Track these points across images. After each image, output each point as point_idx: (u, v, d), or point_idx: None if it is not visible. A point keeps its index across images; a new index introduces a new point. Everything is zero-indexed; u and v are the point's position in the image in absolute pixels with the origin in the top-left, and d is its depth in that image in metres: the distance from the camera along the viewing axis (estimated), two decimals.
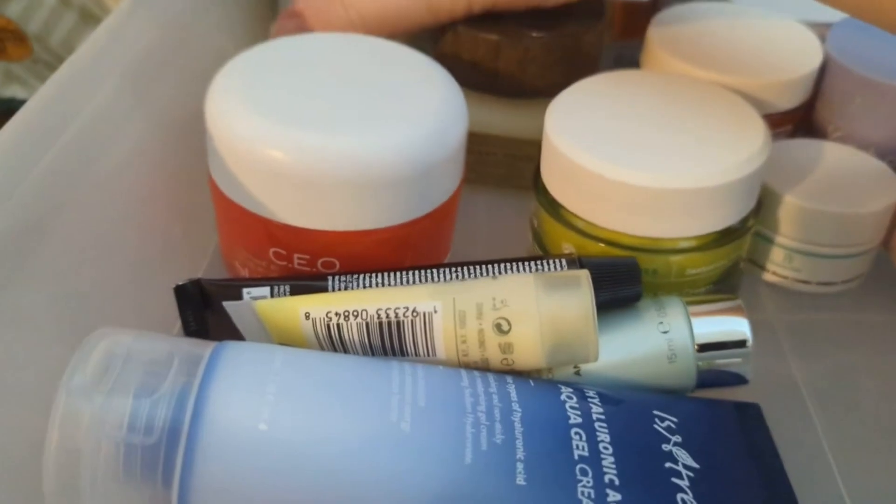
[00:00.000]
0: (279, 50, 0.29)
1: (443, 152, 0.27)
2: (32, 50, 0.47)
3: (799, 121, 0.35)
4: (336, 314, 0.24)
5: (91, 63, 0.28)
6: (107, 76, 0.28)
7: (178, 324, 0.26)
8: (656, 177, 0.27)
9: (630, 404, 0.24)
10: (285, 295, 0.26)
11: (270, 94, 0.27)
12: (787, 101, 0.34)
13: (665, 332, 0.26)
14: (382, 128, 0.26)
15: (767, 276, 0.33)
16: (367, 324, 0.23)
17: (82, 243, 0.27)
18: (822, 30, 0.36)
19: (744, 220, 0.29)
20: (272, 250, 0.27)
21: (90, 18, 0.45)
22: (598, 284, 0.25)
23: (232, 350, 0.22)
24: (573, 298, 0.24)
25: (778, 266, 0.32)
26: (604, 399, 0.24)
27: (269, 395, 0.20)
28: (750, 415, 0.26)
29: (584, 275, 0.24)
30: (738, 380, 0.26)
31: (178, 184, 0.32)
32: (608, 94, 0.30)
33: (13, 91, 0.50)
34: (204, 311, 0.26)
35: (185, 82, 0.32)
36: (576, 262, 0.26)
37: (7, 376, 0.23)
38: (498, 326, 0.23)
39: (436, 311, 0.23)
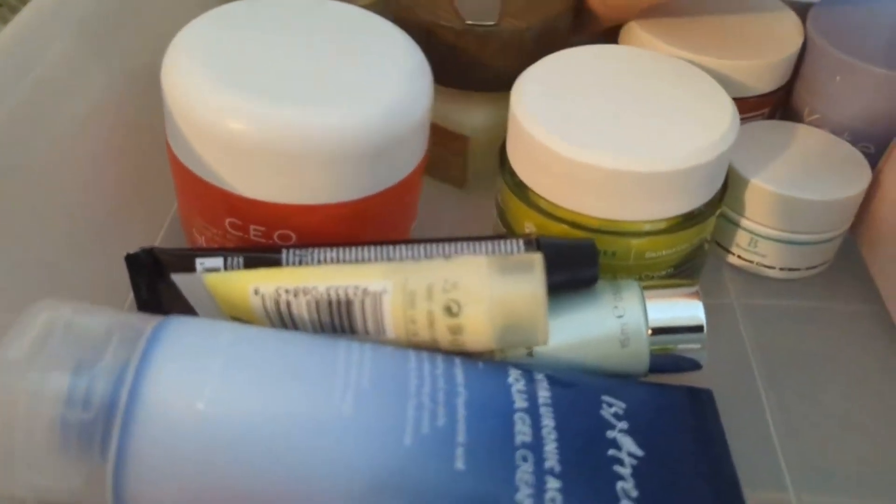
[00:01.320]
0: (239, 12, 0.29)
1: (403, 128, 0.26)
2: None
3: (777, 103, 0.35)
4: (286, 291, 0.23)
5: (46, 15, 0.27)
6: (62, 29, 0.28)
7: (131, 293, 0.26)
8: (619, 159, 0.26)
9: (579, 388, 0.24)
10: (239, 266, 0.26)
11: (229, 61, 0.26)
12: (766, 83, 0.33)
13: (620, 317, 0.26)
14: (341, 100, 0.26)
15: (732, 259, 0.33)
16: (316, 302, 0.23)
17: (37, 206, 0.26)
18: (804, 10, 0.35)
19: (708, 205, 0.29)
20: (228, 220, 0.27)
21: None
22: (555, 266, 0.25)
23: (175, 326, 0.21)
24: (525, 282, 0.24)
25: (743, 250, 0.32)
26: (553, 382, 0.24)
27: (210, 374, 0.20)
28: (701, 400, 0.26)
29: (538, 259, 0.24)
30: (692, 365, 0.26)
31: (139, 143, 0.31)
32: (576, 70, 0.30)
33: None
34: (157, 281, 0.26)
35: (145, 37, 0.31)
36: (533, 242, 0.26)
37: None
38: (448, 308, 0.23)
39: (386, 292, 0.23)
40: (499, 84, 0.32)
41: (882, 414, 0.29)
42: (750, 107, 0.33)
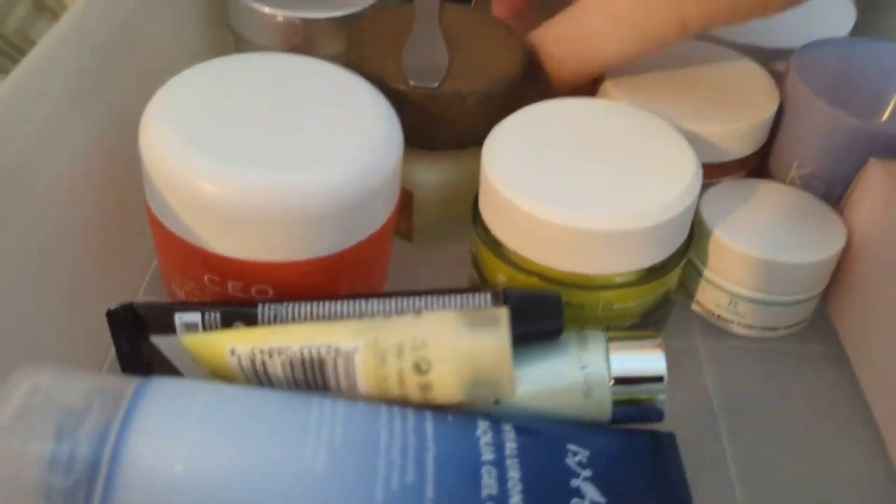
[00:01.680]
0: (214, 72, 0.30)
1: (373, 186, 0.27)
2: None
3: (753, 166, 0.35)
4: (261, 351, 0.24)
5: (37, 73, 0.28)
6: (51, 87, 0.28)
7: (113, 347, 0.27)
8: (586, 218, 0.27)
9: (545, 437, 0.25)
10: (216, 320, 0.26)
11: (203, 122, 0.27)
12: (743, 148, 0.34)
13: (583, 368, 0.27)
14: (313, 161, 0.27)
15: (715, 321, 0.33)
16: (290, 361, 0.24)
17: (22, 261, 0.27)
18: (778, 73, 0.36)
19: (673, 257, 0.30)
20: (206, 276, 0.28)
21: (44, 9, 0.45)
22: (521, 318, 0.26)
23: (153, 389, 0.22)
24: (491, 338, 0.25)
25: (723, 310, 0.33)
26: (520, 432, 0.25)
27: (188, 435, 0.21)
28: (664, 444, 0.27)
29: (503, 314, 0.25)
30: (654, 415, 0.27)
31: (121, 198, 0.32)
32: (547, 125, 0.31)
33: None
34: (137, 336, 0.27)
35: (137, 87, 0.32)
36: (500, 295, 0.27)
37: None
38: (417, 366, 0.24)
39: (357, 350, 0.24)
40: (443, 143, 0.33)
41: (840, 459, 0.30)
42: (726, 171, 0.34)
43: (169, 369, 0.27)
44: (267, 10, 0.37)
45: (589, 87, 0.36)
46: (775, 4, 0.29)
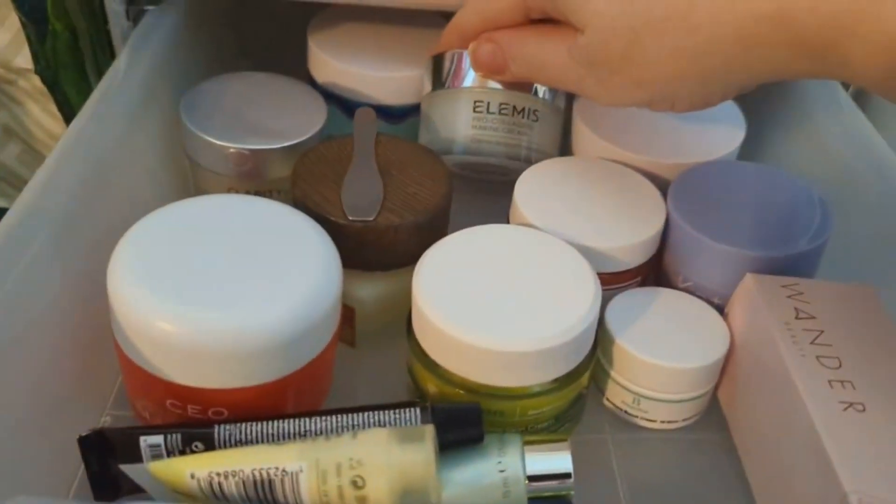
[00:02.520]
0: (172, 217, 0.34)
1: (314, 318, 0.31)
2: None
3: (648, 271, 0.40)
4: (217, 474, 0.28)
5: (25, 219, 0.32)
6: (37, 233, 0.32)
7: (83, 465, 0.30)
8: (504, 339, 0.32)
9: None
10: (177, 443, 0.30)
11: (162, 267, 0.31)
12: (637, 258, 0.38)
13: (502, 471, 0.31)
14: (260, 299, 0.31)
15: (618, 413, 0.38)
16: (243, 482, 0.28)
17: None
18: (665, 189, 0.40)
19: (581, 364, 0.34)
20: (168, 401, 0.31)
21: (13, 134, 0.48)
22: (446, 428, 0.31)
23: None
24: (418, 452, 0.29)
25: (629, 406, 0.37)
26: None
27: None
28: None
29: (429, 430, 0.29)
30: None
31: (89, 325, 0.36)
32: (469, 251, 0.35)
33: None
34: (106, 457, 0.30)
35: (108, 219, 0.36)
36: (428, 409, 0.31)
37: None
38: (354, 483, 0.28)
39: (301, 471, 0.28)
40: (379, 265, 0.38)
41: None
42: (625, 277, 0.39)
43: (135, 487, 0.30)
44: (219, 142, 0.42)
45: None
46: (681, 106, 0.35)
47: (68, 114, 0.45)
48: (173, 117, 0.44)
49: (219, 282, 0.31)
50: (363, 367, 0.39)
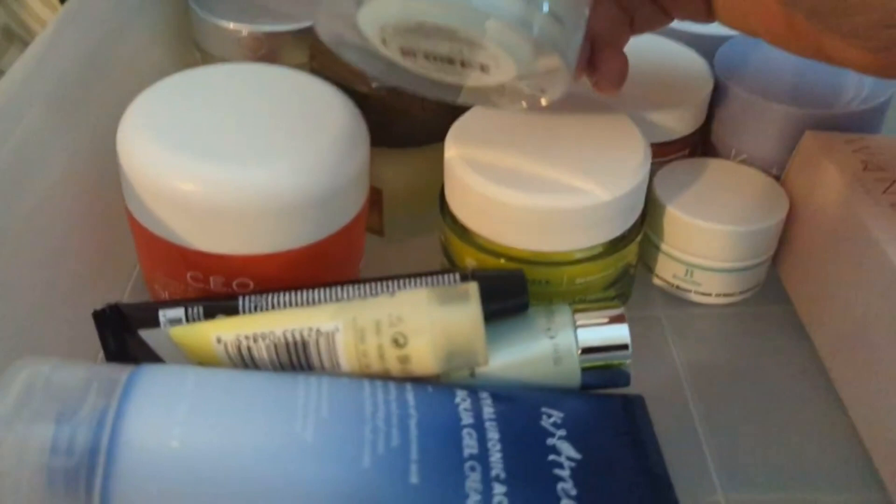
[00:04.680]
0: (186, 81, 0.31)
1: (343, 178, 0.29)
2: None
3: (696, 143, 0.38)
4: (246, 337, 0.26)
5: (17, 90, 0.29)
6: (32, 103, 0.30)
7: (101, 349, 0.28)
8: (545, 197, 0.29)
9: (520, 402, 0.27)
10: (199, 316, 0.28)
11: (178, 126, 0.29)
12: (684, 127, 0.36)
13: (552, 338, 0.29)
14: (285, 156, 0.28)
15: (668, 289, 0.35)
16: (275, 345, 0.25)
17: (10, 271, 0.28)
18: (710, 56, 0.38)
19: (629, 231, 0.32)
20: (189, 274, 0.29)
21: (14, 37, 0.46)
22: (488, 297, 0.28)
23: (147, 373, 0.23)
24: (463, 310, 0.26)
25: (681, 280, 0.34)
26: (496, 399, 0.27)
27: (181, 414, 0.22)
28: (633, 406, 0.29)
29: (472, 287, 0.27)
30: (620, 380, 0.29)
31: (102, 207, 0.33)
32: (503, 118, 0.33)
33: None
34: (123, 334, 0.28)
35: (110, 106, 0.33)
36: (468, 276, 0.29)
37: None
38: (395, 341, 0.25)
39: (337, 330, 0.25)
40: (407, 140, 0.35)
41: (799, 412, 0.32)
42: (671, 150, 0.36)
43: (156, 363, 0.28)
44: (232, 25, 0.39)
45: None
46: None
47: None
48: (182, 6, 0.41)
49: (241, 141, 0.29)
50: (392, 257, 0.37)
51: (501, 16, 0.24)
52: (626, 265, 0.33)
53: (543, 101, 0.29)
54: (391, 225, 0.37)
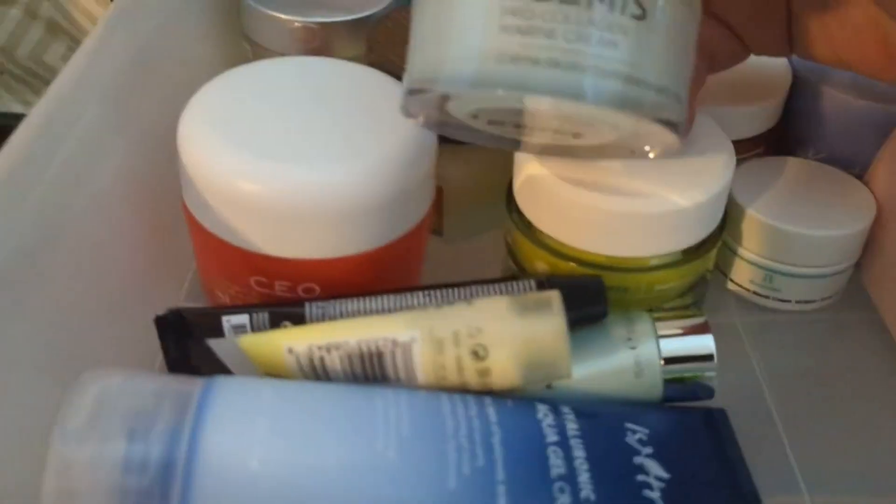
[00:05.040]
0: (248, 76, 0.30)
1: (413, 179, 0.28)
2: None
3: (771, 141, 0.36)
4: (318, 347, 0.24)
5: (74, 89, 0.28)
6: (87, 102, 0.28)
7: (161, 354, 0.27)
8: (624, 201, 0.28)
9: (603, 418, 0.26)
10: (264, 322, 0.27)
11: (241, 123, 0.27)
12: (759, 125, 0.34)
13: (633, 349, 0.27)
14: (354, 157, 0.27)
15: (746, 295, 0.34)
16: (349, 356, 0.24)
17: (68, 275, 0.27)
18: None
19: (710, 237, 0.30)
20: (253, 279, 0.28)
21: (58, 30, 0.45)
22: (566, 304, 0.26)
23: (221, 387, 0.22)
24: (546, 321, 0.25)
25: (758, 286, 0.33)
26: (578, 414, 0.25)
27: (260, 432, 0.21)
28: (716, 420, 0.28)
29: (556, 296, 0.25)
30: (704, 393, 0.28)
31: (155, 209, 0.32)
32: None
33: None
34: (185, 340, 0.27)
35: (162, 102, 0.32)
36: (544, 283, 0.27)
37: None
38: (475, 353, 0.24)
39: (414, 341, 0.24)
40: None
41: (889, 424, 0.30)
42: (747, 147, 0.35)
43: (218, 371, 0.27)
44: (284, 16, 0.38)
45: None
46: None
47: None
48: None
49: (306, 141, 0.27)
50: (453, 257, 0.36)
51: (606, 102, 0.22)
52: (705, 271, 0.31)
53: (651, 155, 0.27)
54: (451, 224, 0.36)
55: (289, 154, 0.26)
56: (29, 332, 0.25)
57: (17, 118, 0.50)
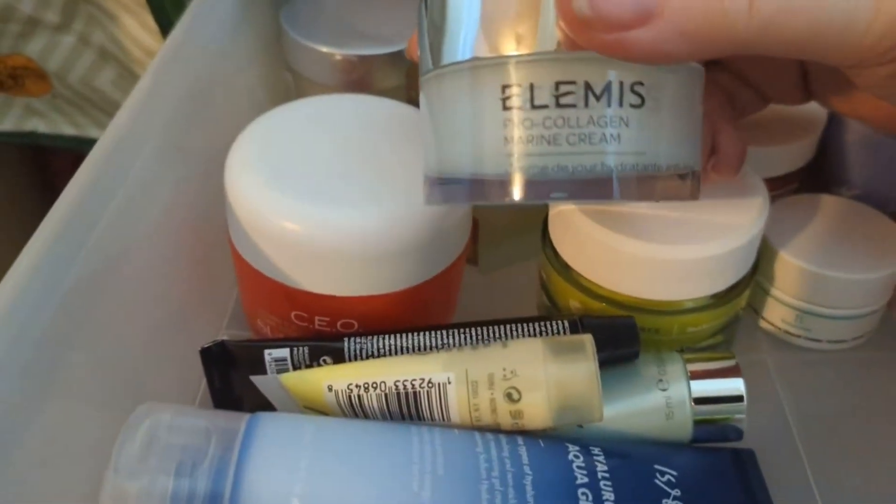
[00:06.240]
0: (292, 114, 0.31)
1: (450, 220, 0.28)
2: (52, 86, 0.49)
3: (804, 177, 0.36)
4: (357, 386, 0.25)
5: (132, 125, 0.29)
6: (147, 138, 0.29)
7: (204, 381, 0.28)
8: (659, 246, 0.28)
9: (632, 459, 0.26)
10: (304, 357, 0.27)
11: (286, 163, 0.28)
12: (793, 161, 0.35)
13: (664, 390, 0.28)
14: (393, 198, 0.28)
15: (782, 336, 0.34)
16: (385, 395, 0.25)
17: (122, 303, 0.28)
18: None
19: (743, 280, 0.30)
20: (293, 313, 0.29)
21: (108, 56, 0.47)
22: (598, 345, 0.27)
23: (264, 424, 0.23)
24: (578, 364, 0.25)
25: (790, 326, 0.33)
26: (608, 455, 0.26)
27: (301, 470, 0.22)
28: (744, 461, 0.28)
29: (588, 340, 0.26)
30: (734, 434, 0.28)
31: (202, 238, 0.33)
32: None
33: (34, 125, 0.52)
34: (228, 371, 0.28)
35: (210, 133, 0.33)
36: (577, 323, 0.28)
37: (57, 443, 0.25)
38: (508, 395, 0.25)
39: (450, 382, 0.25)
40: None
41: None
42: (780, 184, 0.35)
43: (260, 403, 0.28)
44: (325, 49, 0.39)
45: None
46: None
47: (165, 25, 0.43)
48: (273, 29, 0.41)
49: (347, 180, 0.28)
50: (487, 288, 0.36)
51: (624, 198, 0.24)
52: (736, 312, 0.31)
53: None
54: (486, 256, 0.37)
55: (330, 194, 0.27)
56: (85, 361, 0.26)
57: (67, 140, 0.52)
